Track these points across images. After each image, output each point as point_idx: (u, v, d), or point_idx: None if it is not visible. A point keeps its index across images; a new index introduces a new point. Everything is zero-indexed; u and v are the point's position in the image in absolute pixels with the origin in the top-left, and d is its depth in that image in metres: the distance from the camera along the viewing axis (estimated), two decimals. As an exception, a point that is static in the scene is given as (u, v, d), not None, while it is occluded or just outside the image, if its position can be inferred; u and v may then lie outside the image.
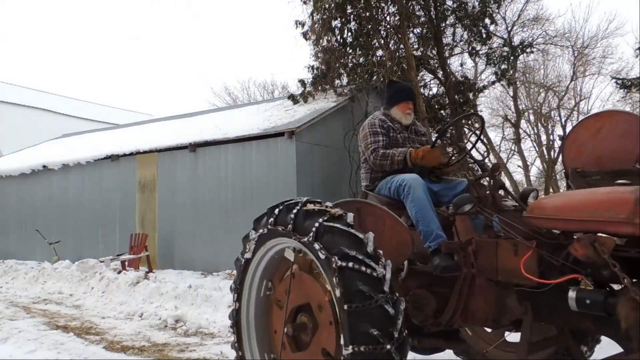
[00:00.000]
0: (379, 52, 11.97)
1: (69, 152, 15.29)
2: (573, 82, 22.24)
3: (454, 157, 3.54)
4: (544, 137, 24.30)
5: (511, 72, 15.03)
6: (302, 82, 12.44)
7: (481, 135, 3.54)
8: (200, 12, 57.68)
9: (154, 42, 62.52)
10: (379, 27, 12.20)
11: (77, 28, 67.95)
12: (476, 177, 3.09)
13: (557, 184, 21.53)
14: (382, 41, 12.06)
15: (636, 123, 2.79)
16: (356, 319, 2.46)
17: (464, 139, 3.82)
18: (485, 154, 7.06)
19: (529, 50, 15.49)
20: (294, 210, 2.80)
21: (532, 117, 24.55)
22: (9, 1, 59.22)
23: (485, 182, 3.06)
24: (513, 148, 23.97)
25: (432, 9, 12.79)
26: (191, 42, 59.40)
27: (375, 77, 11.48)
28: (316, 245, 2.64)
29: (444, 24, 13.23)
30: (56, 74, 56.91)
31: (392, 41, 12.13)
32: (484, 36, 13.18)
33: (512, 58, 14.20)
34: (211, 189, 11.33)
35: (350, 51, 12.28)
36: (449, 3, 13.03)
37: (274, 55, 51.42)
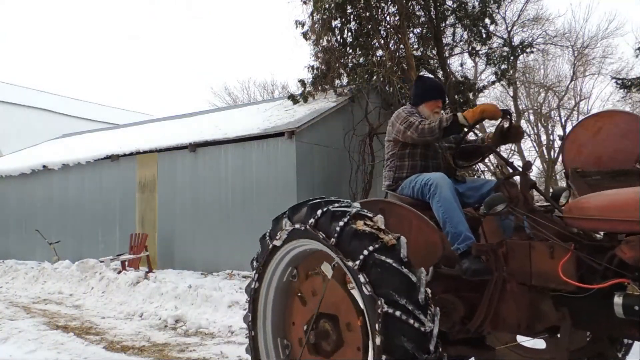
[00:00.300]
0: (379, 52, 11.99)
1: (69, 152, 15.30)
2: (573, 82, 22.32)
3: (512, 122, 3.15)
4: (544, 137, 24.37)
5: (511, 72, 15.04)
6: (302, 82, 12.45)
7: (509, 130, 3.23)
8: (200, 12, 57.70)
9: (154, 42, 62.54)
10: (379, 27, 12.21)
11: (77, 28, 67.96)
12: (507, 175, 2.93)
13: (557, 184, 21.54)
14: (382, 41, 12.07)
15: (636, 123, 2.78)
16: None
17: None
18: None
19: (529, 50, 15.52)
20: (340, 223, 2.53)
21: (532, 117, 24.60)
22: (9, 1, 59.25)
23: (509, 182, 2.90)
24: (513, 148, 24.00)
25: (432, 9, 12.77)
26: (191, 42, 59.46)
27: (375, 77, 11.49)
28: (361, 277, 2.40)
29: (444, 24, 13.22)
30: (56, 74, 56.92)
31: (392, 41, 12.14)
32: (484, 36, 13.18)
33: (512, 58, 14.20)
34: (211, 189, 11.32)
35: (350, 51, 12.29)
36: (449, 3, 13.02)
37: (274, 55, 51.52)
